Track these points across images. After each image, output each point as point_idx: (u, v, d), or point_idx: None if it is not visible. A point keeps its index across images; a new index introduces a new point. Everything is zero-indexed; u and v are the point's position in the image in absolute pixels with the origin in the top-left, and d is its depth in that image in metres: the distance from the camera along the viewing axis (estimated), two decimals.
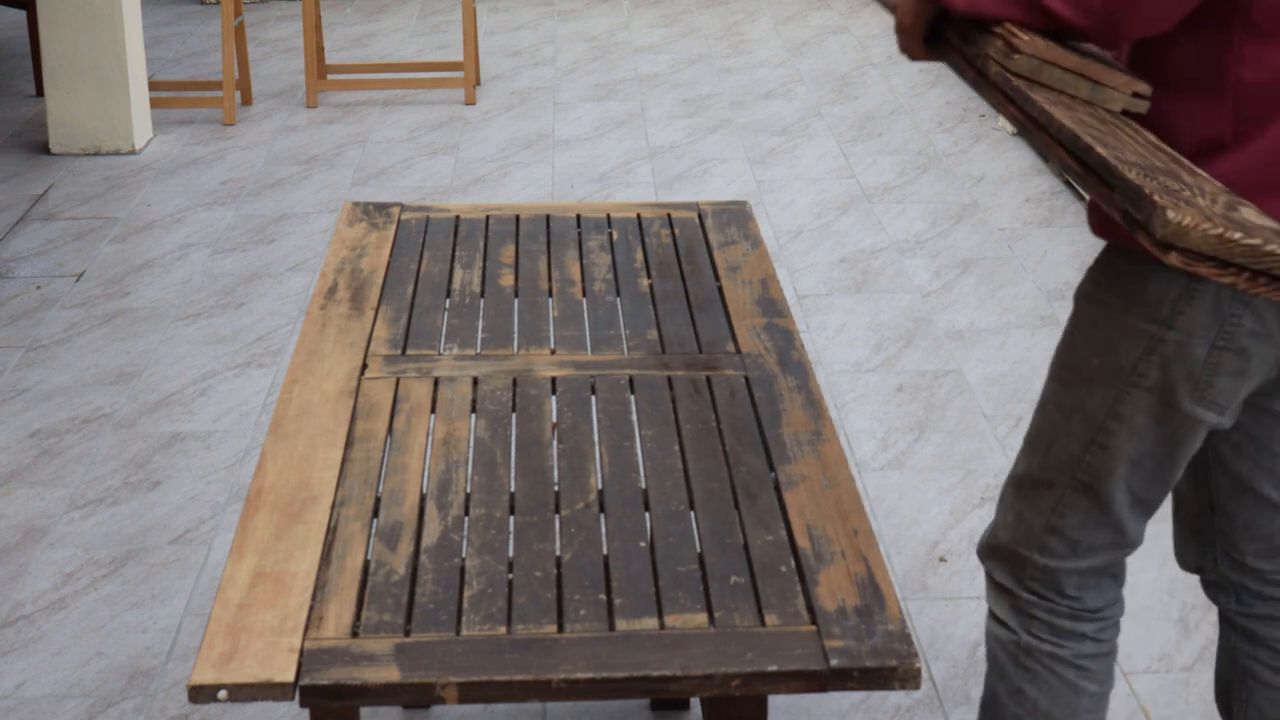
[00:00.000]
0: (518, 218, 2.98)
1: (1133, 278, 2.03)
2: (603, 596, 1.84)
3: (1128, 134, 1.85)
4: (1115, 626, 2.24)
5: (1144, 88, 1.96)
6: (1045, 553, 2.16)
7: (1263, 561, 2.28)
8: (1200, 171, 1.81)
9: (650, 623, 1.79)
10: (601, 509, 2.03)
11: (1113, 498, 2.12)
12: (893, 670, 1.71)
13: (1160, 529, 3.50)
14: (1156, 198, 1.62)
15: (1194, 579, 3.33)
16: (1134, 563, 3.38)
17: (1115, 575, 2.22)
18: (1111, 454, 2.09)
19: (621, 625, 1.78)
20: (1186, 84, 1.95)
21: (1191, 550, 2.34)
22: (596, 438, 2.20)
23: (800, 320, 4.45)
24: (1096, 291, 2.08)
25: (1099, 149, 1.74)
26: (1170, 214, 1.59)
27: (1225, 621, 2.35)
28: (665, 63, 7.40)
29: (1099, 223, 2.07)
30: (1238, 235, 1.59)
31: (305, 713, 2.81)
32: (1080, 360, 2.10)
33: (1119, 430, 2.08)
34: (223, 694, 1.68)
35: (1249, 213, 1.69)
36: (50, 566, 3.43)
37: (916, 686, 1.73)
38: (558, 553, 1.93)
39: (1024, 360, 4.29)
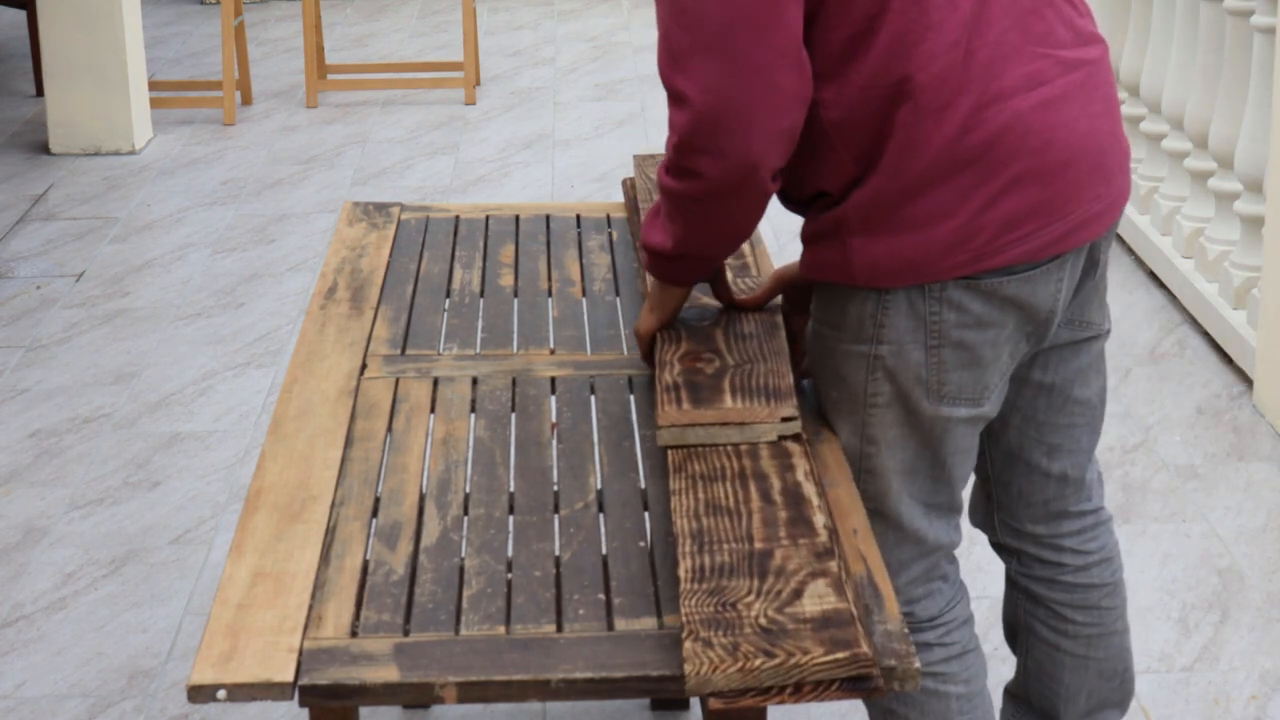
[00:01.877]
0: (518, 218, 2.98)
1: (834, 306, 2.12)
2: (602, 596, 1.84)
3: (753, 508, 1.93)
4: (962, 626, 2.27)
5: (790, 410, 2.08)
6: None
7: (1039, 526, 2.35)
8: (821, 531, 1.88)
9: (650, 623, 1.79)
10: (601, 509, 2.03)
11: (900, 513, 2.17)
12: (892, 670, 1.71)
13: (1161, 529, 3.51)
14: (687, 644, 1.69)
15: (1194, 579, 3.33)
16: (1133, 562, 3.38)
17: (943, 578, 2.26)
18: (880, 475, 2.15)
19: (621, 625, 1.78)
20: (803, 148, 2.04)
21: (979, 513, 2.42)
22: (596, 438, 2.20)
23: None
24: (816, 326, 2.18)
25: (682, 562, 1.83)
26: (687, 667, 1.67)
27: (1010, 581, 2.43)
28: None
29: (803, 258, 2.16)
30: (759, 662, 1.66)
31: (305, 713, 2.81)
32: (822, 396, 2.19)
33: (877, 451, 2.14)
34: (222, 694, 1.67)
35: (817, 592, 1.77)
36: (50, 566, 3.43)
37: (916, 686, 1.73)
38: (557, 552, 1.93)
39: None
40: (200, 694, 1.67)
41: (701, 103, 1.94)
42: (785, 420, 2.07)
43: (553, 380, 2.36)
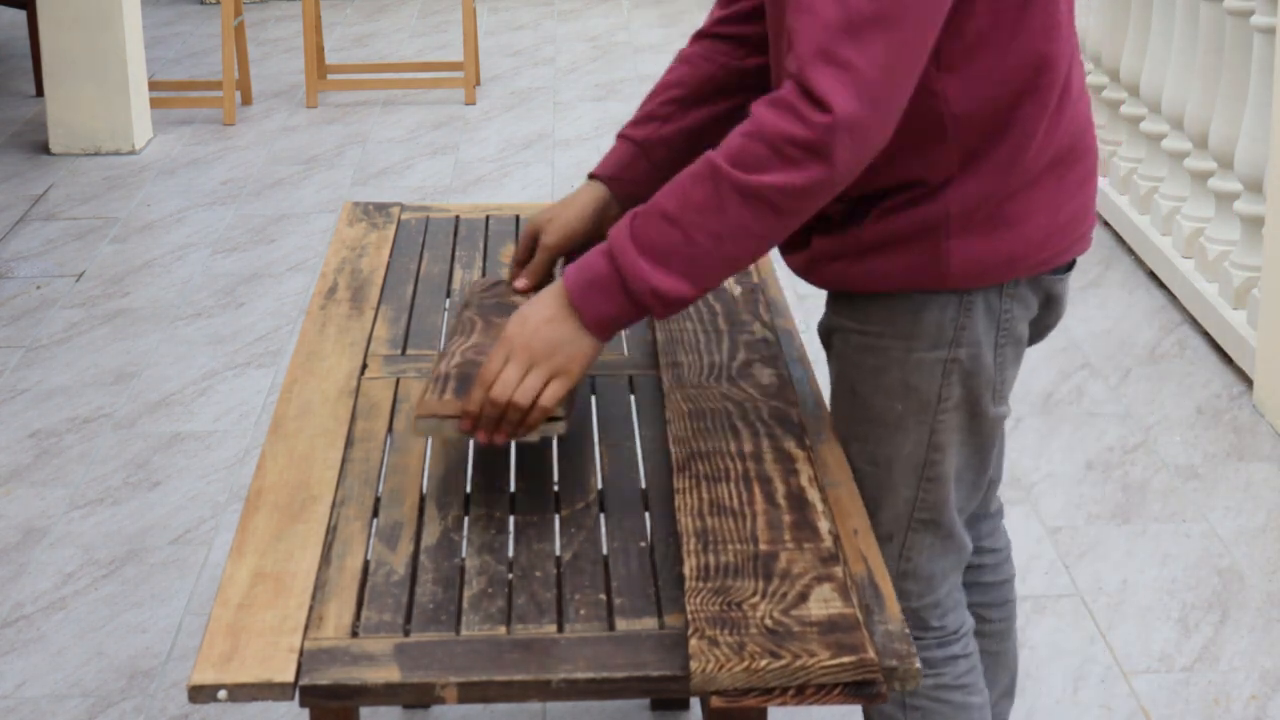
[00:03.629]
0: (518, 218, 2.97)
1: (902, 314, 2.03)
2: (603, 596, 1.84)
3: (758, 510, 1.92)
4: (972, 635, 2.25)
5: (559, 410, 1.94)
6: (904, 598, 2.14)
7: (968, 532, 2.33)
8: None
9: (651, 623, 1.79)
10: (601, 509, 2.03)
11: (952, 522, 2.15)
12: (893, 670, 1.71)
13: (1161, 529, 3.51)
14: (692, 642, 1.68)
15: (1194, 579, 3.33)
16: (1134, 562, 3.38)
17: (959, 587, 2.25)
18: (942, 483, 2.11)
19: (621, 625, 1.78)
20: (911, 134, 1.92)
21: None
22: (596, 438, 2.20)
23: (800, 320, 4.44)
24: (867, 340, 2.07)
25: (687, 560, 1.81)
26: (693, 664, 1.66)
27: None
28: (665, 63, 7.38)
29: (857, 270, 2.04)
30: (765, 663, 1.66)
31: (305, 713, 2.81)
32: (880, 411, 2.08)
33: (943, 458, 2.09)
34: (222, 694, 1.67)
35: (823, 596, 1.75)
36: (50, 566, 3.43)
37: (917, 685, 1.73)
38: (557, 553, 1.93)
39: (1024, 360, 4.29)
40: (201, 694, 1.67)
41: (874, 80, 1.77)
42: (550, 421, 1.95)
43: None
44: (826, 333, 2.17)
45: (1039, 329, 2.17)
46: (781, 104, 1.80)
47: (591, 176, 2.23)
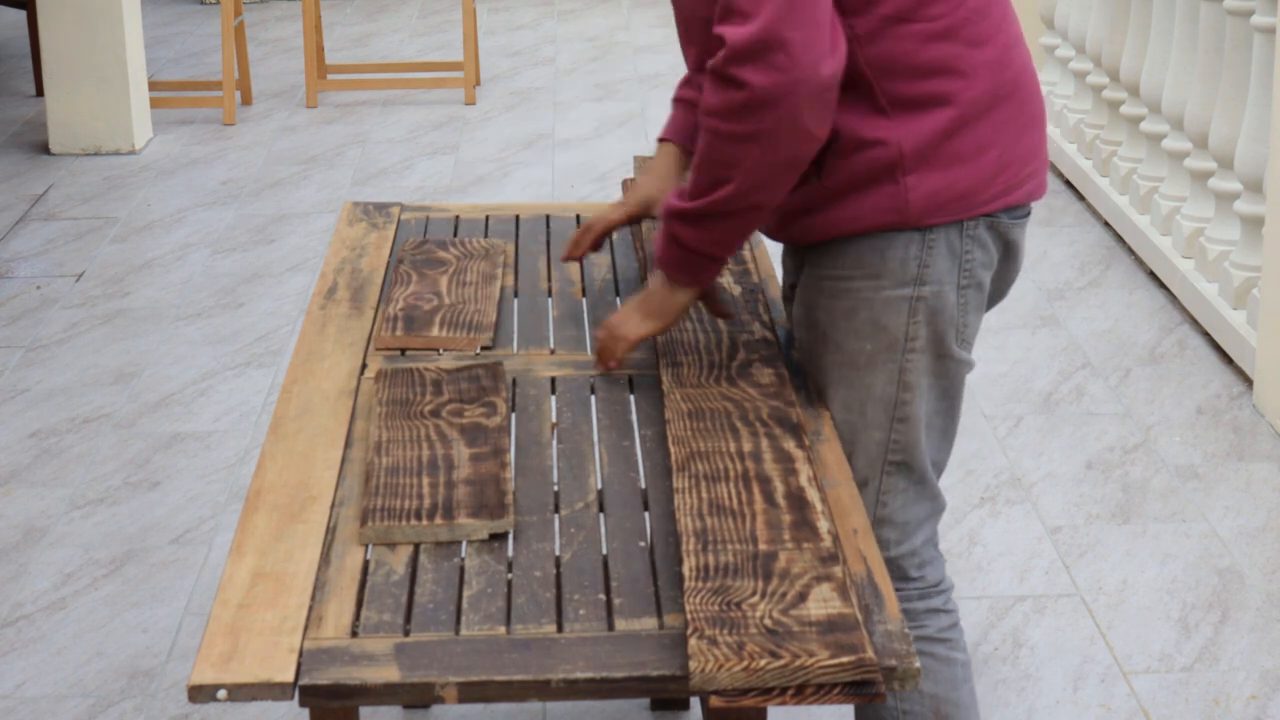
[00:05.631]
0: (517, 218, 2.97)
1: (869, 253, 2.14)
2: (602, 596, 1.84)
3: (757, 510, 1.94)
4: (952, 594, 2.31)
5: (486, 340, 2.42)
6: (881, 546, 2.22)
7: None
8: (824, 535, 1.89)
9: (650, 623, 1.79)
10: (601, 509, 2.03)
11: (925, 465, 2.22)
12: (892, 670, 1.71)
13: (1161, 529, 3.51)
14: (692, 641, 1.70)
15: (1194, 579, 3.33)
16: (1133, 562, 3.38)
17: (936, 543, 2.30)
18: (914, 423, 2.19)
19: (621, 625, 1.78)
20: (843, 93, 2.06)
21: None
22: (596, 438, 2.20)
23: None
24: (839, 285, 2.17)
25: (686, 560, 1.84)
26: (692, 664, 1.67)
27: None
28: (665, 63, 7.40)
29: (827, 216, 2.15)
30: (764, 662, 1.67)
31: (305, 713, 2.81)
32: (852, 352, 2.18)
33: (913, 398, 2.18)
34: (222, 694, 1.67)
35: (822, 596, 1.76)
36: (50, 566, 3.43)
37: (916, 685, 1.73)
38: (557, 553, 1.93)
39: (1024, 360, 4.29)
40: (200, 694, 1.67)
41: (777, 7, 1.95)
42: (484, 349, 2.39)
43: (553, 380, 2.36)
44: (792, 287, 2.29)
45: (1000, 284, 2.24)
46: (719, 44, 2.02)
47: (661, 140, 2.54)
